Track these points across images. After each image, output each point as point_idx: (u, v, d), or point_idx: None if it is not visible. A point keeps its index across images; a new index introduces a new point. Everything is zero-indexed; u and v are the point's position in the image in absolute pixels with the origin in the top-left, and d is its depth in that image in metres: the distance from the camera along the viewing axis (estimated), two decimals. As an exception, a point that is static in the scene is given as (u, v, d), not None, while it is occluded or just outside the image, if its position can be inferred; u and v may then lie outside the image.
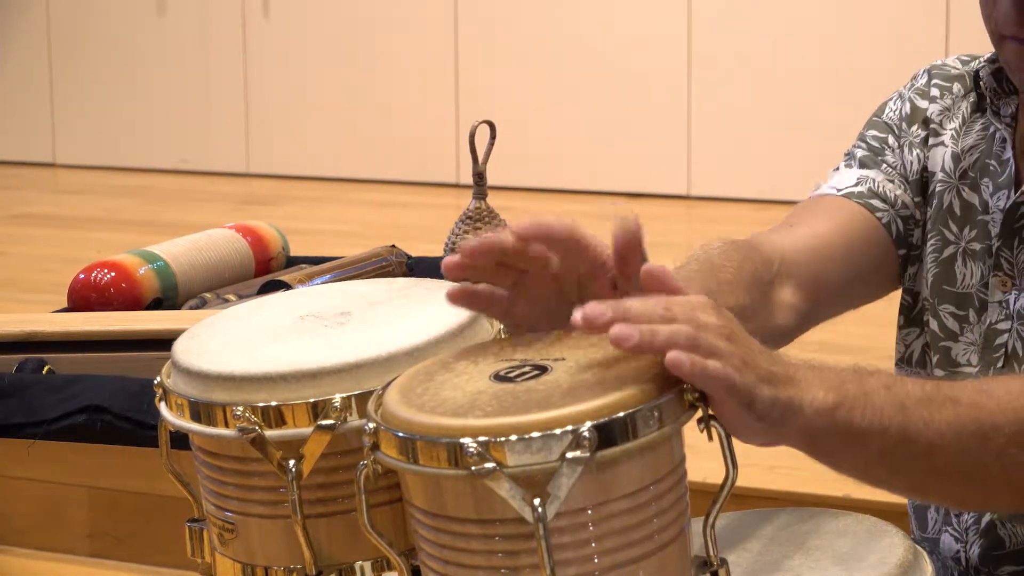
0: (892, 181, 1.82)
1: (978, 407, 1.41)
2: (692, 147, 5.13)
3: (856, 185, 1.83)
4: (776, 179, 4.86)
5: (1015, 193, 1.71)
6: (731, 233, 1.78)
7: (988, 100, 1.77)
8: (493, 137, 3.48)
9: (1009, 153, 1.74)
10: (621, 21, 5.20)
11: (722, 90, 5.12)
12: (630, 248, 1.38)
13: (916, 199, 1.82)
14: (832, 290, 1.79)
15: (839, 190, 1.84)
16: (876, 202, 1.82)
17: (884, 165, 1.84)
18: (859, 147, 1.86)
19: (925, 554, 1.63)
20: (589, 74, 5.23)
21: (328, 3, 5.46)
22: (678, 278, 1.55)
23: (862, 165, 1.85)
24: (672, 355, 1.24)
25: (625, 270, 1.39)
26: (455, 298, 1.41)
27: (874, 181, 1.83)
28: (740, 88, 5.10)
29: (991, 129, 1.77)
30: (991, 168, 1.75)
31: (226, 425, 1.40)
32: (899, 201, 1.82)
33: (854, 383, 1.36)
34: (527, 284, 1.42)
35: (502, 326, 1.49)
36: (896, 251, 1.82)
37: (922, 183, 1.82)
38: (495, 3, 5.29)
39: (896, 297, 1.86)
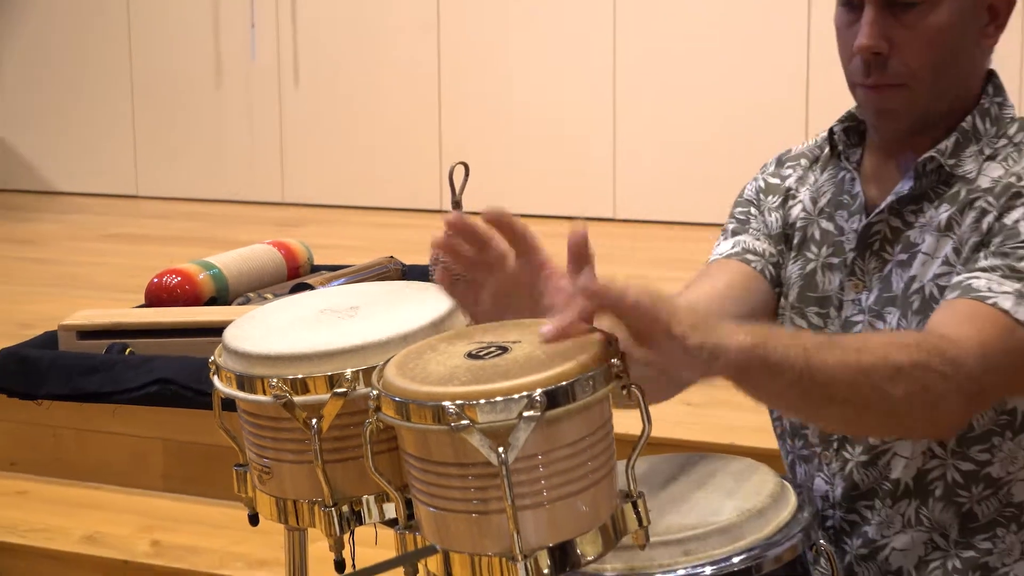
0: (759, 239, 1.82)
1: (858, 351, 1.42)
2: (617, 176, 5.11)
3: (733, 248, 1.82)
4: (692, 203, 4.83)
5: (866, 217, 1.71)
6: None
7: (840, 149, 1.76)
8: (467, 174, 3.48)
9: (859, 188, 1.73)
10: (560, 69, 5.16)
11: (644, 126, 5.07)
12: (581, 245, 1.39)
13: (779, 247, 1.81)
14: None
15: (722, 255, 1.83)
16: (750, 256, 1.81)
17: (751, 229, 1.83)
18: (730, 222, 1.86)
19: (790, 487, 1.63)
20: (537, 118, 5.21)
21: (341, 79, 5.46)
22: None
23: (734, 234, 1.84)
24: (631, 300, 1.25)
25: (575, 262, 1.39)
26: (440, 279, 1.46)
27: (745, 241, 1.82)
28: (660, 124, 5.03)
29: (840, 174, 1.76)
30: (844, 200, 1.75)
31: (264, 393, 1.39)
32: (766, 252, 1.81)
33: (765, 330, 1.37)
34: (490, 281, 1.43)
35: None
36: (773, 289, 1.82)
37: (784, 235, 1.81)
38: (469, 72, 5.29)
39: None
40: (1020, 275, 1.53)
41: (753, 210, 1.83)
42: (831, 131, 1.78)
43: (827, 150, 1.79)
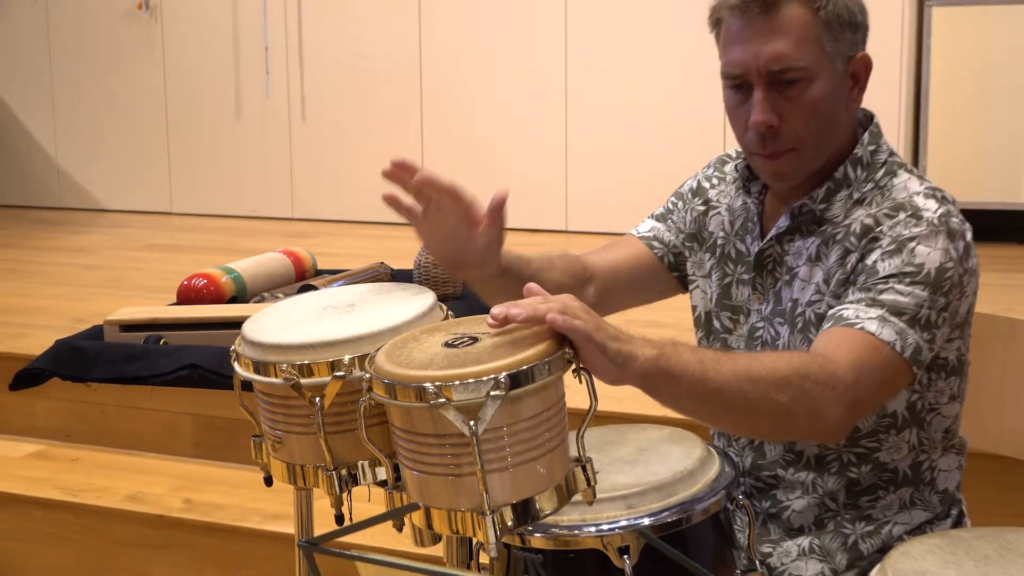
0: (671, 231, 1.83)
1: (749, 364, 1.42)
2: (569, 191, 5.11)
3: (649, 231, 1.85)
4: (635, 217, 4.79)
5: (762, 242, 1.71)
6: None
7: (742, 183, 1.76)
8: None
9: (757, 218, 1.74)
10: (520, 104, 5.13)
11: (592, 152, 5.04)
12: (498, 203, 1.55)
13: (688, 244, 1.82)
14: (619, 292, 1.81)
15: (638, 232, 1.86)
16: (655, 243, 1.83)
17: (669, 221, 1.84)
18: (660, 207, 1.87)
19: (716, 453, 1.63)
20: (501, 146, 5.19)
21: (340, 115, 5.45)
22: (532, 259, 1.69)
23: (657, 219, 1.86)
24: (550, 316, 1.26)
25: (494, 217, 1.55)
26: (388, 200, 1.55)
27: (658, 229, 1.84)
28: (606, 149, 5.00)
29: (748, 202, 1.76)
30: (749, 227, 1.75)
31: (276, 376, 1.38)
32: (671, 243, 1.82)
33: (670, 345, 1.37)
34: (430, 213, 1.55)
35: (450, 312, 1.48)
36: (669, 273, 1.83)
37: (696, 235, 1.81)
38: (445, 108, 5.28)
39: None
40: (881, 304, 1.53)
41: (681, 204, 1.84)
42: (736, 167, 1.78)
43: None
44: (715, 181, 1.82)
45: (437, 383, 1.19)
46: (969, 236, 1.60)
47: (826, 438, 1.56)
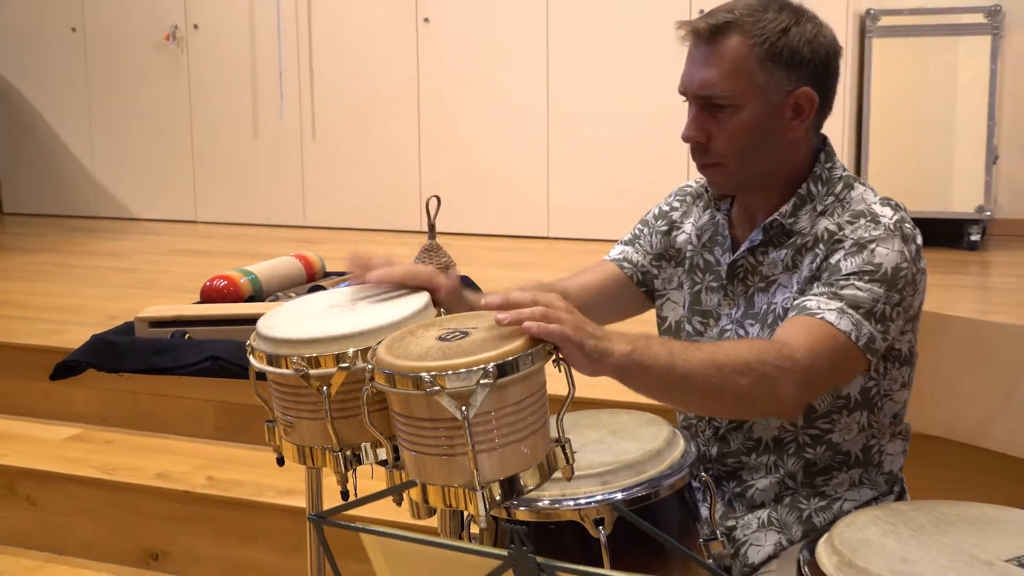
0: (638, 253, 1.82)
1: (713, 352, 1.41)
2: (550, 200, 5.10)
3: (619, 254, 1.84)
4: (615, 224, 4.78)
5: (732, 254, 1.70)
6: (579, 263, 1.78)
7: (712, 199, 1.76)
8: (439, 204, 3.46)
9: (727, 231, 1.73)
10: (506, 125, 5.13)
11: (572, 166, 5.04)
12: (452, 290, 1.53)
13: (656, 263, 1.81)
14: (592, 308, 1.78)
15: (609, 256, 1.85)
16: (625, 263, 1.82)
17: (637, 244, 1.83)
18: (628, 233, 1.87)
19: (681, 435, 1.63)
20: (489, 162, 5.19)
21: (346, 133, 5.43)
22: (520, 285, 1.61)
23: (626, 243, 1.85)
24: (525, 325, 1.25)
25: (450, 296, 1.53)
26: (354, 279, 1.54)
27: (627, 251, 1.83)
28: (585, 163, 5.00)
29: (716, 217, 1.76)
30: (719, 239, 1.74)
31: (287, 367, 1.37)
32: (639, 263, 1.81)
33: (642, 339, 1.36)
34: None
35: (442, 310, 1.47)
36: (639, 290, 1.82)
37: (664, 255, 1.80)
38: (441, 129, 5.27)
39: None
40: (841, 298, 1.53)
41: (646, 230, 1.83)
42: (706, 186, 1.77)
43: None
44: (676, 204, 1.82)
45: (432, 373, 1.19)
46: (919, 240, 1.61)
47: (782, 414, 1.55)
